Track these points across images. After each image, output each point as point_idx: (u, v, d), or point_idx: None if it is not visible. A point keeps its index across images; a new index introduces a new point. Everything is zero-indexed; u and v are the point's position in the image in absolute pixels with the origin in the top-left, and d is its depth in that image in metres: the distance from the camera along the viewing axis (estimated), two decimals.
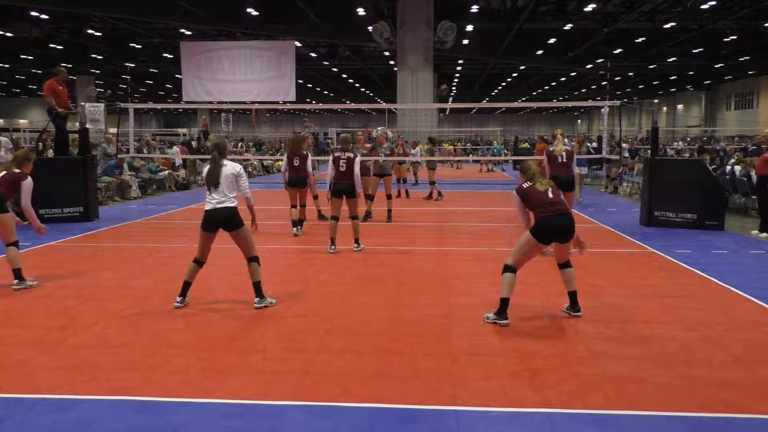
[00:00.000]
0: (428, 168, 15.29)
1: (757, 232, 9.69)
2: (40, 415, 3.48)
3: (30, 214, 6.49)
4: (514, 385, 3.88)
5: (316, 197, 11.23)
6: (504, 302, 5.09)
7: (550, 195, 5.27)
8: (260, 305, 5.53)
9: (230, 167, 5.58)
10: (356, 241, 8.35)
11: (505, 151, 33.48)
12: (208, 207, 5.55)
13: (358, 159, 8.21)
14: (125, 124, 14.08)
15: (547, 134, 47.88)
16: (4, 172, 6.42)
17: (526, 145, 29.83)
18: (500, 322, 5.06)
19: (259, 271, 5.59)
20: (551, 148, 8.84)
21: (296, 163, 9.54)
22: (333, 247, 8.19)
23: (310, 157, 9.75)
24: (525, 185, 5.39)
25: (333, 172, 8.22)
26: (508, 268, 5.19)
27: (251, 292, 5.65)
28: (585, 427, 3.36)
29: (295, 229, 9.60)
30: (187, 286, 5.64)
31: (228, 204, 5.50)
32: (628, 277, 6.88)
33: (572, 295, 5.36)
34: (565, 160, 8.76)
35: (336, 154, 8.30)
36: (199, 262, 5.66)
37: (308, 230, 10.24)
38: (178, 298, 5.61)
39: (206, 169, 5.60)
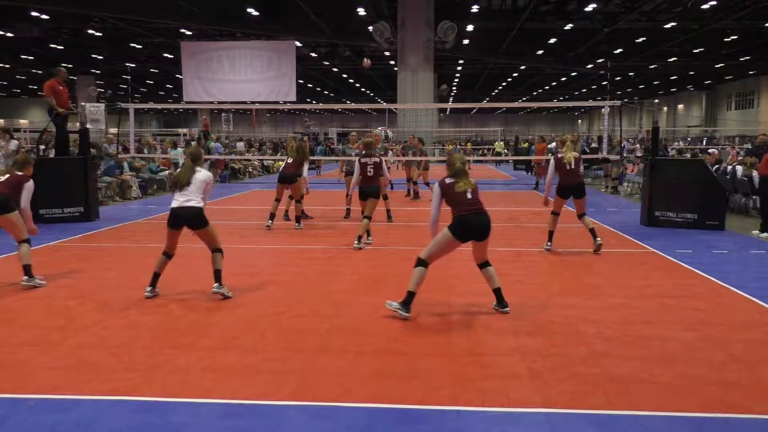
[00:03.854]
0: (423, 169, 15.14)
1: (757, 232, 9.68)
2: (41, 415, 3.48)
3: (27, 216, 6.59)
4: (515, 386, 3.88)
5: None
6: (410, 295, 5.13)
7: (469, 196, 5.31)
8: (218, 290, 5.81)
9: (204, 174, 5.98)
10: (359, 238, 8.47)
11: (506, 151, 33.52)
12: (174, 205, 5.88)
13: (383, 161, 8.81)
14: (125, 124, 14.09)
15: (548, 134, 48.02)
16: (8, 175, 6.59)
17: (527, 144, 29.85)
18: (402, 313, 5.09)
19: (220, 261, 5.90)
20: (560, 155, 8.37)
21: (290, 160, 10.33)
22: (360, 242, 8.52)
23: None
24: (448, 180, 5.36)
25: (360, 176, 8.57)
26: (420, 262, 5.21)
27: (251, 292, 5.65)
28: (585, 428, 3.36)
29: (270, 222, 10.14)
30: (156, 276, 5.96)
31: (194, 204, 5.81)
32: (628, 277, 6.87)
33: (497, 292, 5.41)
34: (573, 167, 8.33)
35: (363, 160, 8.65)
36: (167, 255, 5.99)
37: (308, 229, 10.24)
38: (148, 288, 5.90)
39: (177, 171, 5.93)
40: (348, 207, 11.66)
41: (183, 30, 30.04)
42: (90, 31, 30.10)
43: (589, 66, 37.53)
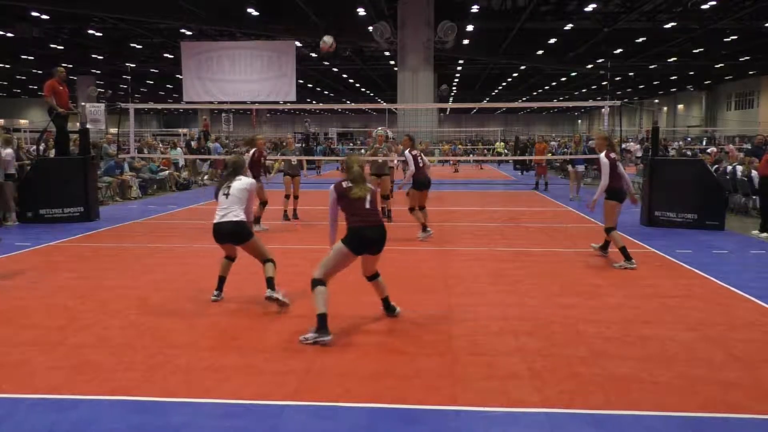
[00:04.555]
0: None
1: (757, 231, 9.68)
2: (40, 415, 3.48)
3: None
4: (515, 385, 3.88)
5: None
6: (322, 317, 4.64)
7: (368, 205, 4.93)
8: (270, 295, 5.44)
9: (243, 182, 5.70)
10: (425, 228, 9.22)
11: (506, 151, 33.50)
12: (215, 220, 5.58)
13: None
14: (126, 124, 14.08)
15: (548, 134, 47.91)
16: None
17: (527, 144, 29.87)
18: (321, 339, 4.56)
19: (272, 270, 5.56)
20: (614, 155, 7.42)
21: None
22: (426, 232, 9.19)
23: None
24: (345, 184, 4.95)
25: (415, 168, 9.08)
26: (316, 282, 4.77)
27: (252, 293, 5.65)
28: (585, 427, 3.36)
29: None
30: (221, 280, 5.81)
31: (232, 217, 5.50)
32: (628, 277, 6.87)
33: (386, 301, 5.28)
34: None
35: (414, 153, 9.22)
36: (229, 258, 5.84)
37: (308, 229, 10.24)
38: (215, 292, 5.80)
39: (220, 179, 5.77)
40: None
41: (183, 30, 30.02)
42: (90, 31, 30.09)
43: (589, 66, 37.52)
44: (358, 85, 52.80)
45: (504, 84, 52.17)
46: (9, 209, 10.61)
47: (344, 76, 46.43)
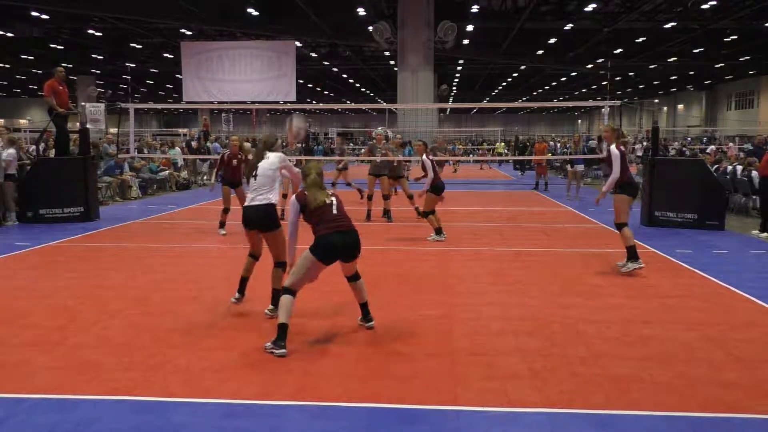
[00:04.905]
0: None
1: (757, 231, 9.68)
2: (41, 415, 3.48)
3: None
4: (515, 385, 3.88)
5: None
6: (282, 328, 4.39)
7: (335, 211, 4.69)
8: (273, 314, 5.05)
9: (271, 160, 5.29)
10: (439, 231, 9.23)
11: (506, 151, 33.49)
12: (245, 203, 5.32)
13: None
14: (125, 124, 14.08)
15: (548, 134, 47.89)
16: None
17: (527, 144, 29.85)
18: (276, 351, 4.34)
19: (282, 279, 5.03)
20: (623, 148, 7.25)
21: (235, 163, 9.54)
22: (440, 235, 9.20)
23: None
24: (306, 193, 4.73)
25: (434, 174, 9.14)
26: (286, 290, 4.53)
27: (252, 292, 5.64)
28: (586, 427, 3.36)
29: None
30: (243, 281, 5.56)
31: (260, 201, 5.15)
32: (628, 277, 6.87)
33: (364, 306, 4.99)
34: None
35: (430, 157, 9.31)
36: (254, 256, 5.49)
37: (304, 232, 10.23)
38: (237, 295, 5.59)
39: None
40: (368, 209, 11.45)
41: (183, 30, 30.01)
42: (90, 31, 30.07)
43: (589, 66, 37.48)
44: (358, 85, 52.78)
45: (504, 84, 52.14)
46: (9, 209, 10.61)
47: (344, 76, 46.42)
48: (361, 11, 25.71)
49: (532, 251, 8.42)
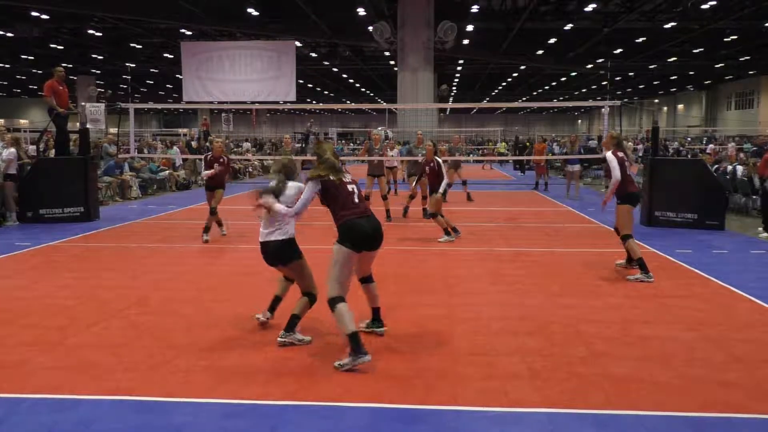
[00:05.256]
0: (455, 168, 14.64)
1: (761, 229, 9.70)
2: (40, 415, 3.48)
3: None
4: (515, 385, 3.88)
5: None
6: (353, 337, 4.11)
7: (356, 199, 4.42)
8: (283, 338, 4.61)
9: (290, 190, 4.66)
10: (447, 231, 9.21)
11: (506, 151, 33.48)
12: (260, 239, 4.75)
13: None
14: (126, 124, 14.08)
15: (548, 134, 47.85)
16: None
17: (527, 144, 29.83)
18: (361, 361, 4.08)
19: (305, 308, 4.67)
20: (621, 154, 6.94)
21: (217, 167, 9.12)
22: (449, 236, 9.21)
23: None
24: (331, 177, 4.39)
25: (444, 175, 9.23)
26: (335, 300, 4.21)
27: (252, 291, 5.64)
28: (586, 427, 3.36)
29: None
30: (276, 300, 5.03)
31: (276, 237, 4.64)
32: (627, 277, 6.86)
33: (376, 312, 4.79)
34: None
35: (441, 159, 9.44)
36: (289, 279, 5.01)
37: (308, 230, 10.24)
38: (268, 314, 5.01)
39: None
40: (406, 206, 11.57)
41: (183, 30, 30.01)
42: (90, 31, 30.07)
43: (589, 66, 37.49)
44: (358, 85, 52.79)
45: (504, 84, 52.15)
46: (10, 209, 10.61)
47: (344, 76, 46.42)
48: (361, 11, 25.71)
49: (532, 251, 8.42)
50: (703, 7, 24.05)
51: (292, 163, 4.87)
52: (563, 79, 48.11)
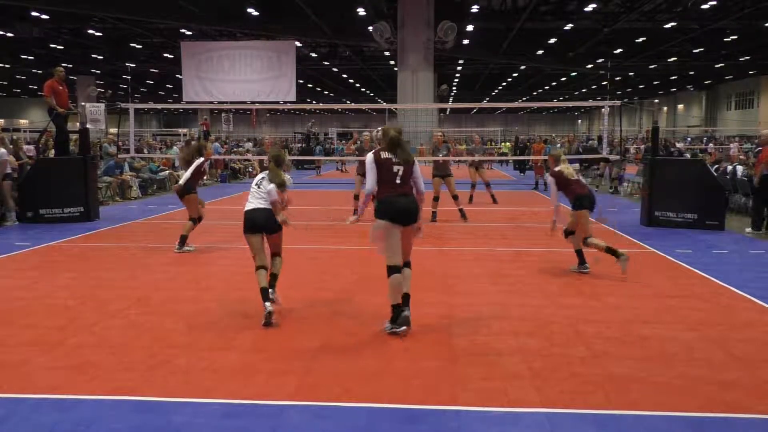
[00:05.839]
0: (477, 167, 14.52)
1: (749, 230, 9.79)
2: (41, 415, 3.48)
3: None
4: (515, 385, 3.88)
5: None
6: (395, 309, 4.76)
7: (398, 180, 4.87)
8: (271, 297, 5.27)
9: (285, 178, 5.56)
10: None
11: (508, 151, 33.49)
12: (247, 207, 5.40)
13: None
14: (125, 124, 14.08)
15: (548, 134, 47.81)
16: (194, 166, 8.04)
17: (527, 144, 29.85)
18: (398, 329, 4.71)
19: (279, 265, 5.52)
20: (558, 168, 7.13)
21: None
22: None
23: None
24: (382, 153, 4.91)
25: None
26: (391, 269, 4.81)
27: (250, 292, 5.64)
28: (586, 427, 3.36)
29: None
30: (264, 291, 5.22)
31: (264, 205, 5.36)
32: (628, 277, 6.86)
33: (405, 297, 4.95)
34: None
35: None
36: (264, 268, 5.38)
37: (308, 230, 10.24)
38: (267, 304, 5.14)
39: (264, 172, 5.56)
40: (355, 208, 11.45)
41: (183, 30, 30.01)
42: (90, 31, 30.08)
43: (589, 66, 37.49)
44: (358, 85, 52.79)
45: (504, 84, 52.15)
46: (9, 209, 10.61)
47: (344, 76, 46.42)
48: (361, 11, 25.71)
49: (532, 251, 8.42)
50: (703, 7, 24.04)
51: (282, 153, 5.73)
52: (563, 79, 48.10)
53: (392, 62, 32.48)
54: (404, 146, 5.01)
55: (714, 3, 23.57)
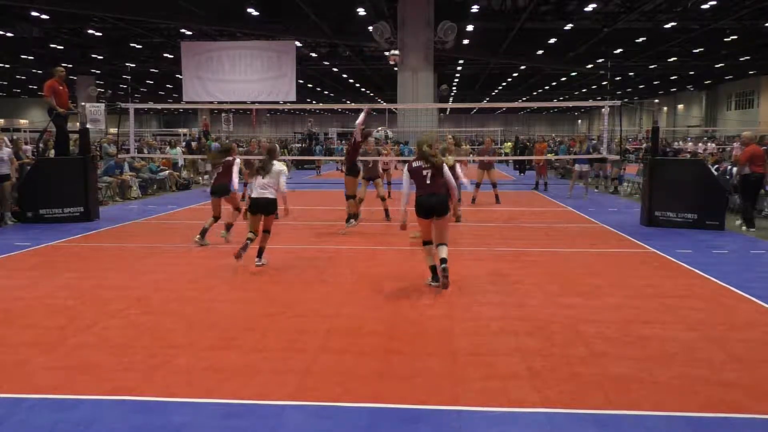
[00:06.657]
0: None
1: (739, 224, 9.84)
2: (41, 415, 3.48)
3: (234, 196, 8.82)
4: (515, 385, 3.88)
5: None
6: (432, 269, 6.36)
7: (428, 180, 6.14)
8: (259, 263, 7.21)
9: (278, 165, 7.32)
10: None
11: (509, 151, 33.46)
12: (254, 195, 7.25)
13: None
14: (125, 124, 14.08)
15: (548, 134, 47.80)
16: (221, 165, 8.58)
17: (527, 144, 29.84)
18: (433, 283, 6.29)
19: (266, 239, 7.38)
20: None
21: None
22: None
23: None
24: (414, 164, 6.28)
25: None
26: (424, 243, 6.40)
27: (251, 292, 5.65)
28: (585, 427, 3.36)
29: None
30: (250, 240, 7.30)
31: (269, 195, 7.22)
32: (628, 277, 6.87)
33: (443, 261, 6.14)
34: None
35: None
36: (255, 233, 7.35)
37: (308, 230, 10.23)
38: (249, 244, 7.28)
39: (259, 162, 7.45)
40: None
41: (183, 30, 30.03)
42: (90, 31, 30.10)
43: (589, 66, 37.53)
44: (358, 85, 52.79)
45: (504, 84, 52.18)
46: (6, 209, 10.60)
47: (344, 76, 46.43)
48: (361, 11, 25.73)
49: (532, 251, 8.42)
50: (703, 7, 24.06)
51: (276, 148, 7.70)
52: (563, 79, 48.14)
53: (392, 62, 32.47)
54: (433, 156, 6.18)
55: (714, 3, 23.58)
